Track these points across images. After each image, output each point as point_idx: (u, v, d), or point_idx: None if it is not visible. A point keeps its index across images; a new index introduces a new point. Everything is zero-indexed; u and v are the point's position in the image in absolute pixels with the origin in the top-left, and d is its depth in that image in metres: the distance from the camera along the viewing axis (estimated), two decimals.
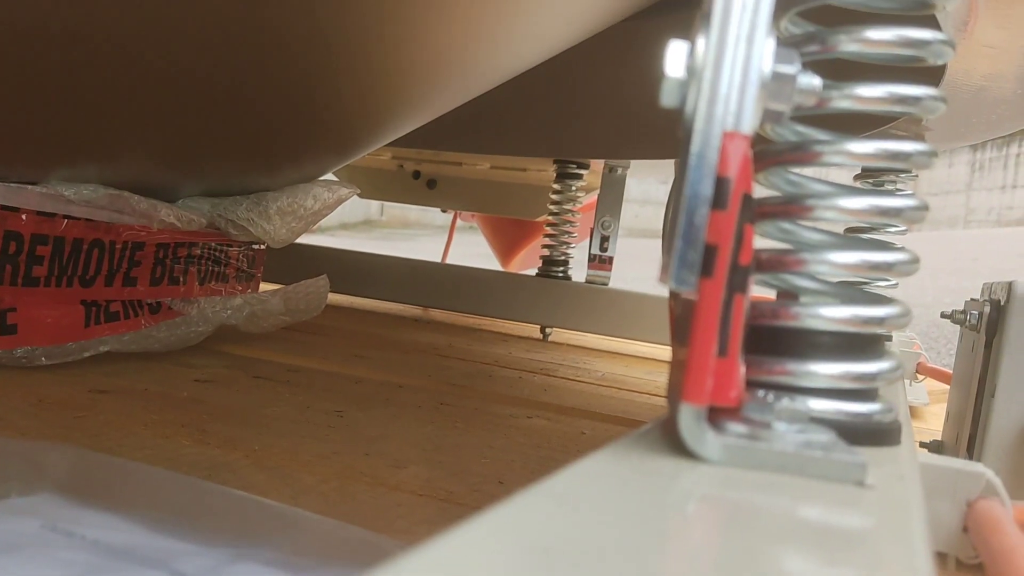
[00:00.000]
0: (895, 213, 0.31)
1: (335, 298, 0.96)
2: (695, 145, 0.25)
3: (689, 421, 0.25)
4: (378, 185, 1.52)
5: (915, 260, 0.31)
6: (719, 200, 0.25)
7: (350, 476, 0.48)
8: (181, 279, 0.76)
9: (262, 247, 0.87)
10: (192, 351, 0.76)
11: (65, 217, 0.65)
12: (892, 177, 0.70)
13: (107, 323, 0.69)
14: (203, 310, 0.75)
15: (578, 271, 1.26)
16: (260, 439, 0.53)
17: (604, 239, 1.23)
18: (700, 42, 0.24)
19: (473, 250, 1.81)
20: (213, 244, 0.79)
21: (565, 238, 1.26)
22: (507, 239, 1.79)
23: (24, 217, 0.63)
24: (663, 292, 0.27)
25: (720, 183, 0.25)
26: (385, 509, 0.43)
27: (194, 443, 0.51)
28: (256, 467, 0.47)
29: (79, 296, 0.67)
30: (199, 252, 0.78)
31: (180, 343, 0.74)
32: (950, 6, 0.30)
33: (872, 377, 0.30)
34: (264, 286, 0.89)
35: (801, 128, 0.32)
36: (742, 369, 0.26)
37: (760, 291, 0.30)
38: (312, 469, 0.48)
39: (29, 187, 0.63)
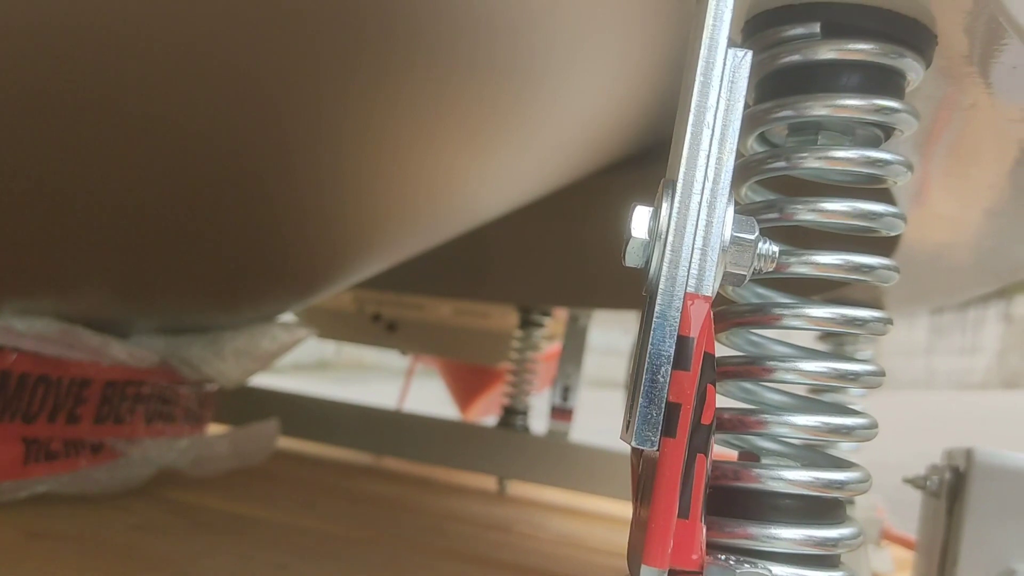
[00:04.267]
0: (853, 377, 0.31)
1: (285, 442, 0.94)
2: (658, 305, 0.25)
3: None
4: (336, 326, 1.51)
5: (874, 425, 0.31)
6: (681, 360, 0.25)
7: None
8: (126, 419, 0.74)
9: (213, 388, 0.85)
10: (131, 495, 0.73)
11: (14, 351, 0.64)
12: (852, 338, 0.71)
13: (47, 462, 0.66)
14: (147, 452, 0.72)
15: (541, 420, 1.24)
16: None
17: (566, 389, 1.22)
18: (664, 206, 0.25)
19: (431, 395, 1.79)
20: (163, 383, 0.77)
21: (526, 387, 1.25)
22: (467, 386, 1.77)
23: None
24: (624, 447, 0.27)
25: (682, 343, 0.25)
26: None
27: None
28: None
29: (20, 433, 0.65)
30: (148, 391, 0.76)
31: (121, 486, 0.71)
32: (901, 181, 0.31)
33: (834, 543, 0.29)
34: (212, 428, 0.86)
35: (762, 290, 0.33)
36: (703, 531, 0.26)
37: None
38: None
39: None
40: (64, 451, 0.67)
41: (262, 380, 1.08)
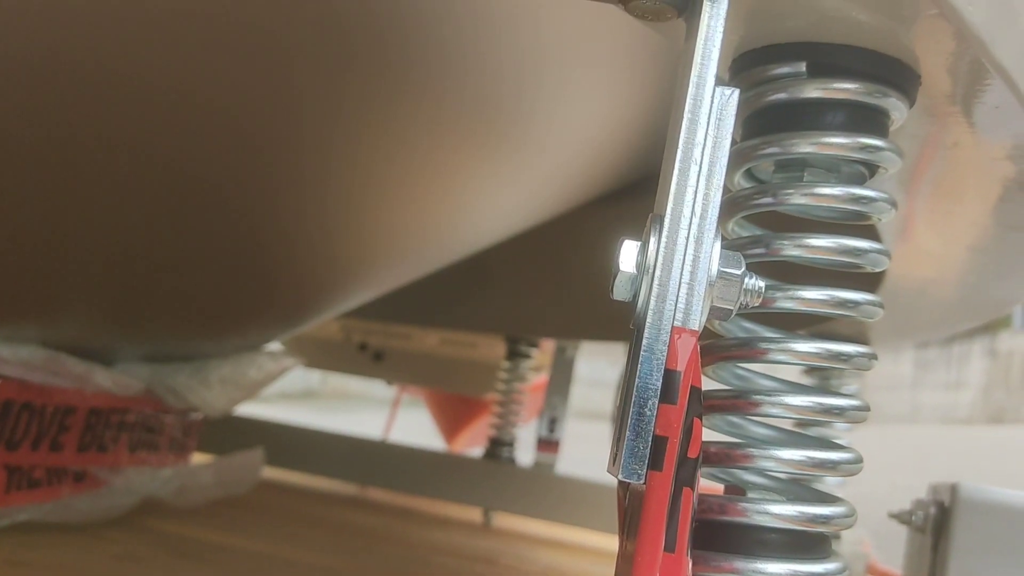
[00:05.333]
0: (839, 412, 0.31)
1: (269, 472, 0.93)
2: (645, 339, 0.25)
3: None
4: (323, 355, 1.50)
5: (859, 460, 0.31)
6: (668, 393, 0.25)
7: None
8: (110, 447, 0.73)
9: (198, 416, 0.84)
10: (114, 524, 0.72)
11: None
12: (838, 372, 0.71)
13: (28, 490, 0.65)
14: (130, 481, 0.72)
15: (527, 451, 1.24)
16: None
17: (553, 421, 1.22)
18: (651, 242, 0.25)
19: (417, 425, 1.78)
20: (148, 411, 0.77)
21: (512, 418, 1.25)
22: (453, 416, 1.76)
23: None
24: (611, 480, 0.27)
25: (669, 376, 0.25)
26: None
27: None
28: None
29: (3, 460, 0.64)
30: (132, 419, 0.75)
31: (103, 515, 0.70)
32: (885, 218, 0.31)
33: None
34: (196, 457, 0.85)
35: (748, 324, 0.33)
36: (689, 565, 0.26)
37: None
38: None
39: None
40: (47, 479, 0.66)
41: (248, 409, 1.08)
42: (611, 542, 1.11)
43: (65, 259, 0.59)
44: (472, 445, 1.70)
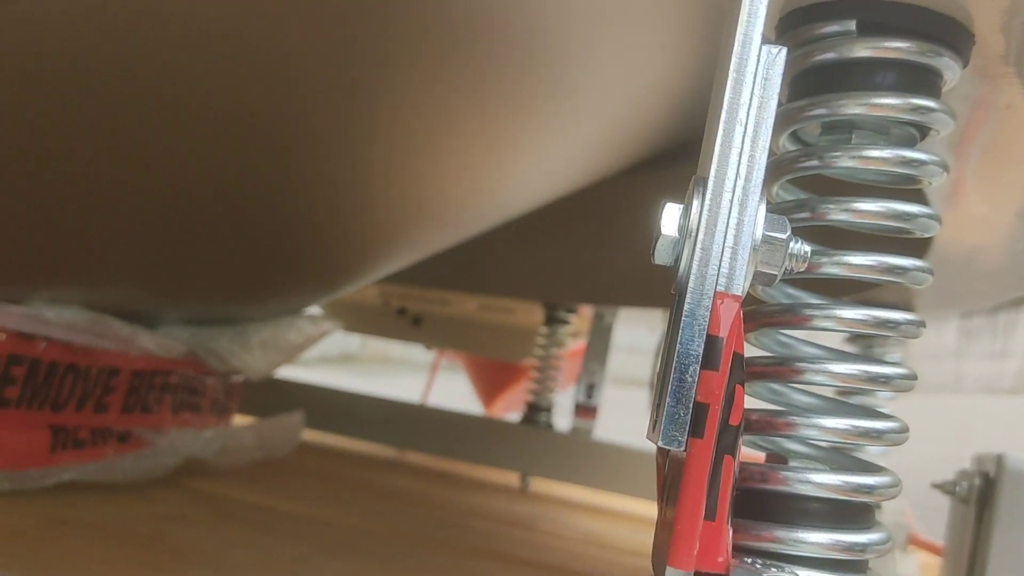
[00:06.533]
0: (884, 380, 0.31)
1: (309, 435, 0.94)
2: (687, 304, 0.25)
3: None
4: (362, 320, 1.52)
5: (904, 429, 0.31)
6: (710, 360, 0.25)
7: None
8: (154, 408, 0.74)
9: (239, 379, 0.85)
10: (157, 484, 0.74)
11: (44, 339, 0.64)
12: (882, 340, 0.70)
13: (73, 450, 0.66)
14: (173, 442, 0.73)
15: (564, 418, 1.24)
16: None
17: (590, 387, 1.22)
18: (694, 204, 0.25)
19: (455, 390, 1.80)
20: (190, 374, 0.78)
21: (550, 384, 1.25)
22: (491, 381, 1.77)
23: (3, 337, 0.62)
24: (649, 446, 0.26)
25: (711, 342, 0.25)
26: None
27: None
28: None
29: (48, 421, 0.66)
30: (175, 381, 0.76)
31: (146, 475, 0.72)
32: (936, 182, 0.31)
33: (862, 548, 0.29)
34: (237, 419, 0.87)
35: (792, 290, 0.32)
36: (730, 533, 0.26)
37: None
38: None
39: (11, 307, 0.63)
40: (91, 440, 0.68)
41: (288, 372, 1.09)
42: (649, 508, 1.11)
43: (109, 224, 0.60)
44: (510, 410, 1.71)
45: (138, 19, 0.42)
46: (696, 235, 0.25)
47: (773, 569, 0.28)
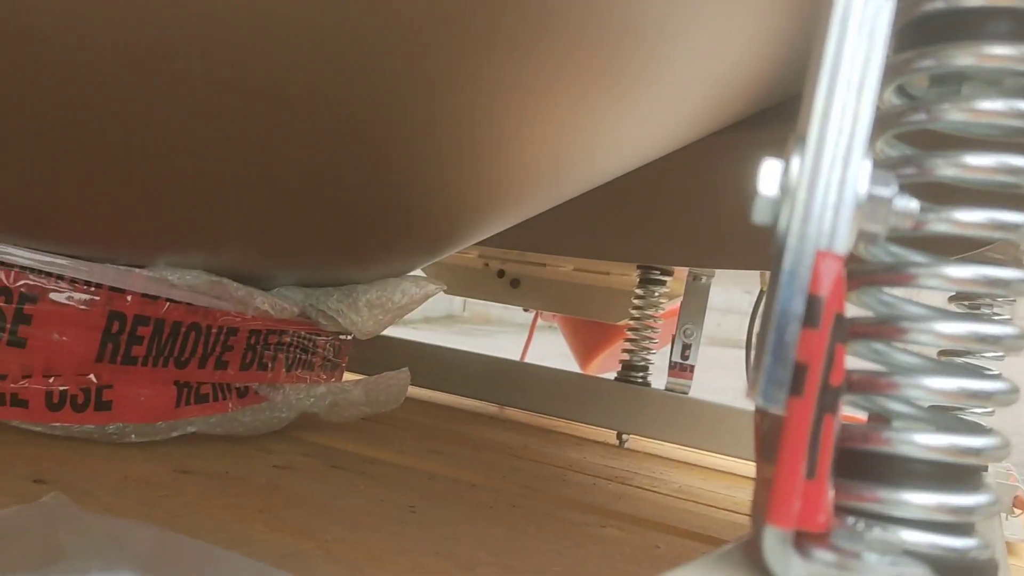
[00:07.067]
0: (994, 341, 0.30)
1: (414, 391, 0.97)
2: (787, 263, 0.25)
3: (774, 544, 0.24)
4: (463, 282, 1.55)
5: (1015, 390, 0.30)
6: (810, 318, 0.25)
7: (420, 575, 0.47)
8: (270, 365, 0.78)
9: (348, 338, 0.88)
10: (273, 437, 0.78)
11: (167, 301, 0.68)
12: (989, 300, 0.67)
13: (196, 404, 0.71)
14: (288, 397, 0.76)
15: (658, 378, 1.24)
16: (333, 530, 0.53)
17: (686, 347, 1.21)
18: (795, 161, 0.25)
19: (552, 349, 1.81)
20: (302, 333, 0.81)
21: (645, 344, 1.25)
22: (587, 341, 1.78)
23: (129, 299, 0.66)
24: (745, 404, 0.27)
25: (812, 301, 0.25)
26: None
27: (268, 530, 0.51)
28: (327, 558, 0.47)
29: (173, 377, 0.70)
30: (288, 340, 0.80)
31: (263, 428, 0.76)
32: None
33: (969, 510, 0.29)
34: (346, 376, 0.90)
35: (896, 249, 0.32)
36: (831, 493, 0.26)
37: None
38: (382, 565, 0.48)
39: (136, 270, 0.67)
40: (213, 394, 0.72)
41: (394, 332, 1.12)
42: (745, 466, 1.10)
43: (228, 195, 0.63)
44: (605, 370, 1.71)
45: (266, 17, 0.45)
46: (797, 193, 0.25)
47: (876, 529, 0.28)
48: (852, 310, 0.29)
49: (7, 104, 0.51)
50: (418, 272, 0.92)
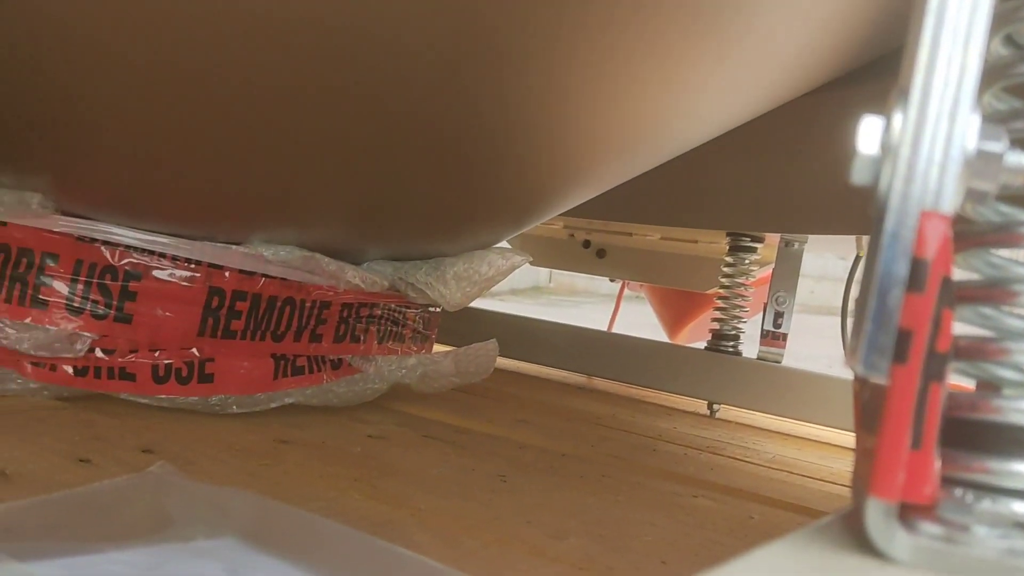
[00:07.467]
0: None
1: (502, 362, 0.98)
2: (889, 224, 0.24)
3: (877, 517, 0.24)
4: (549, 253, 1.55)
5: None
6: (915, 282, 0.23)
7: (511, 543, 0.48)
8: (362, 338, 0.80)
9: (437, 310, 0.90)
10: (367, 407, 0.79)
11: (263, 276, 0.70)
12: None
13: (293, 376, 0.73)
14: (380, 368, 0.78)
15: (749, 347, 1.22)
16: (426, 499, 0.54)
17: (778, 315, 1.19)
18: (897, 118, 0.24)
19: (639, 320, 1.80)
20: (393, 305, 0.83)
21: (736, 312, 1.23)
22: (675, 311, 1.76)
23: (227, 275, 0.69)
24: (840, 373, 0.26)
25: (916, 264, 0.23)
26: None
27: (364, 498, 0.52)
28: (420, 527, 0.48)
29: (270, 350, 0.72)
30: (379, 313, 0.81)
31: (357, 399, 0.77)
32: None
33: None
34: (436, 347, 0.91)
35: (1005, 208, 0.30)
36: (937, 464, 0.25)
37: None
38: (474, 533, 0.49)
39: (233, 247, 0.69)
40: (308, 367, 0.74)
41: (482, 303, 1.13)
42: (840, 436, 1.07)
43: (320, 174, 0.64)
44: (694, 340, 1.69)
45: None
46: (900, 150, 0.24)
47: (986, 501, 0.27)
48: (958, 273, 0.27)
49: (108, 93, 0.53)
50: (504, 244, 0.92)
